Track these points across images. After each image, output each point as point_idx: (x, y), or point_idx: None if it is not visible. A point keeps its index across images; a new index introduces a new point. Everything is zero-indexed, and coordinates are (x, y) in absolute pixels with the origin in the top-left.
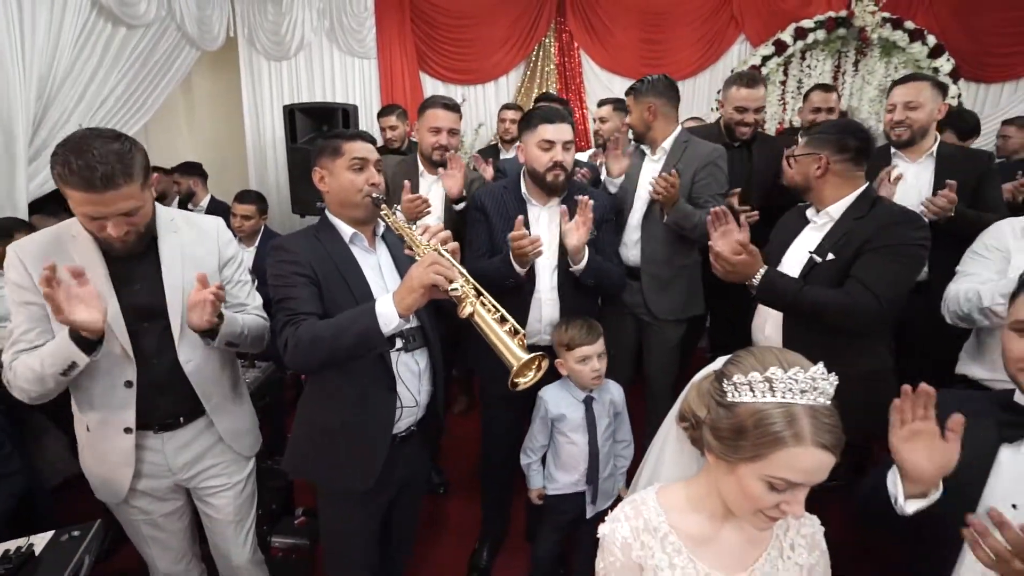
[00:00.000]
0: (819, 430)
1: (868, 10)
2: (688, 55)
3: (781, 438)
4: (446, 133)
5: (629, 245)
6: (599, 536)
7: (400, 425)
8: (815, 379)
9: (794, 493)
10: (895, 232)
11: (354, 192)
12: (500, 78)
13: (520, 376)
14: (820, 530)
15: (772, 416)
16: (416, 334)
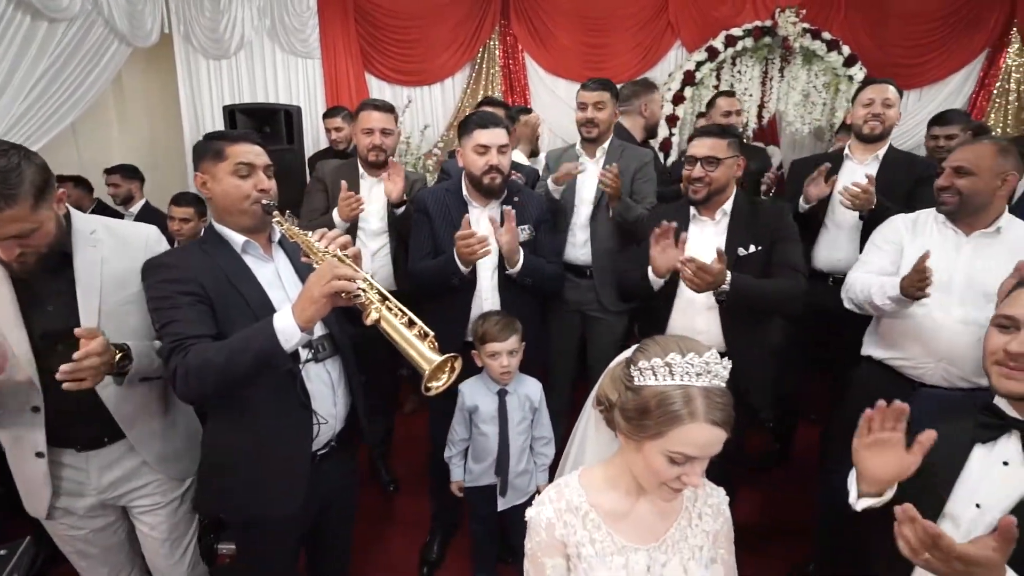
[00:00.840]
0: (712, 408)
1: (790, 21)
2: (628, 59)
3: (679, 416)
4: (379, 133)
5: (577, 245)
6: (527, 519)
7: (318, 441)
8: (708, 363)
9: (692, 466)
10: (790, 221)
11: (240, 199)
12: (446, 80)
13: (434, 380)
14: (725, 500)
15: (672, 397)
16: (325, 342)
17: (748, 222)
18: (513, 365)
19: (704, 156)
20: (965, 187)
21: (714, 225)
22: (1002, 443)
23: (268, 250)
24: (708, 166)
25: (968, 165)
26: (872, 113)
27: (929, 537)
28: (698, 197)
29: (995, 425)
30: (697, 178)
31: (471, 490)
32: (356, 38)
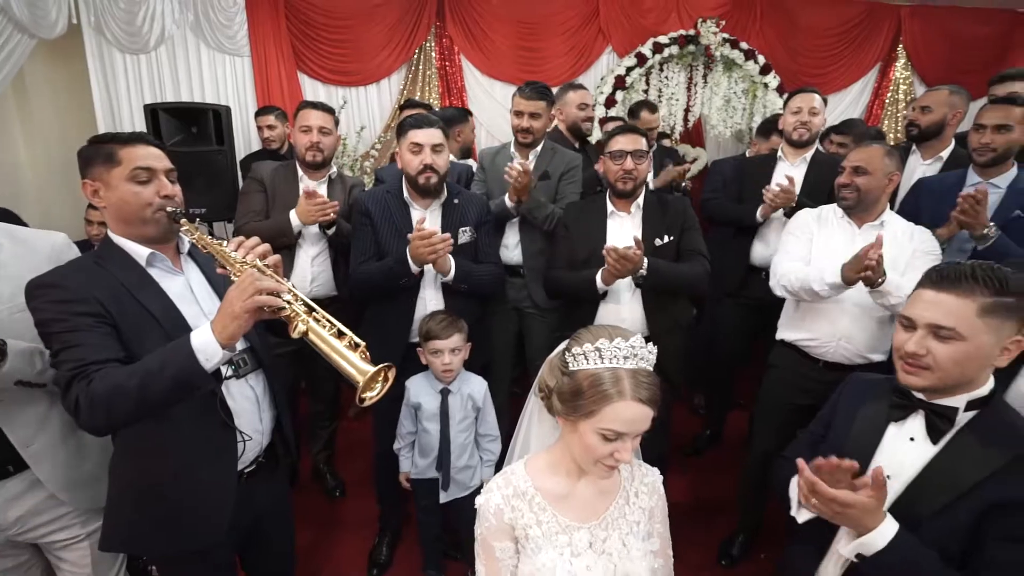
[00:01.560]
0: (638, 387)
1: (711, 31)
2: (561, 63)
3: (609, 395)
4: (317, 132)
5: (510, 247)
6: (476, 507)
7: (244, 460)
8: (634, 347)
9: (623, 442)
10: (692, 213)
11: (141, 207)
12: (382, 80)
13: (368, 390)
14: (659, 479)
15: (602, 378)
16: (246, 357)
17: (659, 215)
18: (455, 364)
19: (632, 149)
20: (863, 184)
21: (630, 219)
22: (910, 421)
23: (177, 262)
24: (637, 159)
25: (864, 164)
26: (800, 121)
27: (809, 485)
28: (627, 189)
29: (904, 406)
30: (628, 171)
31: (416, 481)
32: (287, 36)
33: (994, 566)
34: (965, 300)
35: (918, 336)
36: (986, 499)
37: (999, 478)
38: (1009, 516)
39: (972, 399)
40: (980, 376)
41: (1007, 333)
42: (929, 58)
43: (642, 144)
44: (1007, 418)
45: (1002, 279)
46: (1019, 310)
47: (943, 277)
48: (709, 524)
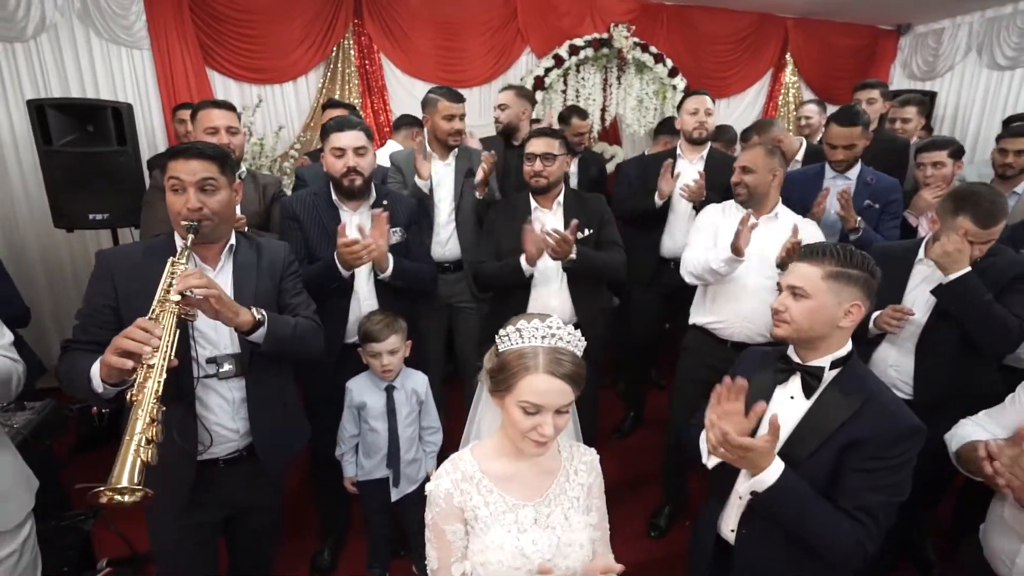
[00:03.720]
0: (551, 362)
1: (623, 35)
2: (481, 64)
3: (525, 367)
4: (225, 132)
5: (442, 243)
6: (427, 493)
7: (218, 450)
8: (551, 327)
9: (543, 416)
10: (607, 208)
11: (173, 215)
12: (299, 78)
13: (116, 494)
14: (596, 457)
15: (521, 353)
16: (233, 362)
17: (579, 211)
18: (394, 364)
19: (542, 153)
20: (750, 181)
21: (552, 214)
22: (791, 383)
23: (213, 261)
24: (546, 161)
25: (749, 164)
26: (698, 121)
27: (722, 435)
28: (540, 186)
29: (786, 369)
30: (537, 172)
31: (364, 484)
32: (192, 29)
33: (848, 492)
34: (815, 267)
35: (782, 296)
36: (844, 439)
37: (853, 421)
38: (858, 451)
39: (835, 359)
40: (835, 336)
41: (846, 297)
42: (811, 66)
43: (554, 147)
44: (859, 372)
45: (847, 255)
46: (858, 280)
47: (808, 252)
48: (639, 499)
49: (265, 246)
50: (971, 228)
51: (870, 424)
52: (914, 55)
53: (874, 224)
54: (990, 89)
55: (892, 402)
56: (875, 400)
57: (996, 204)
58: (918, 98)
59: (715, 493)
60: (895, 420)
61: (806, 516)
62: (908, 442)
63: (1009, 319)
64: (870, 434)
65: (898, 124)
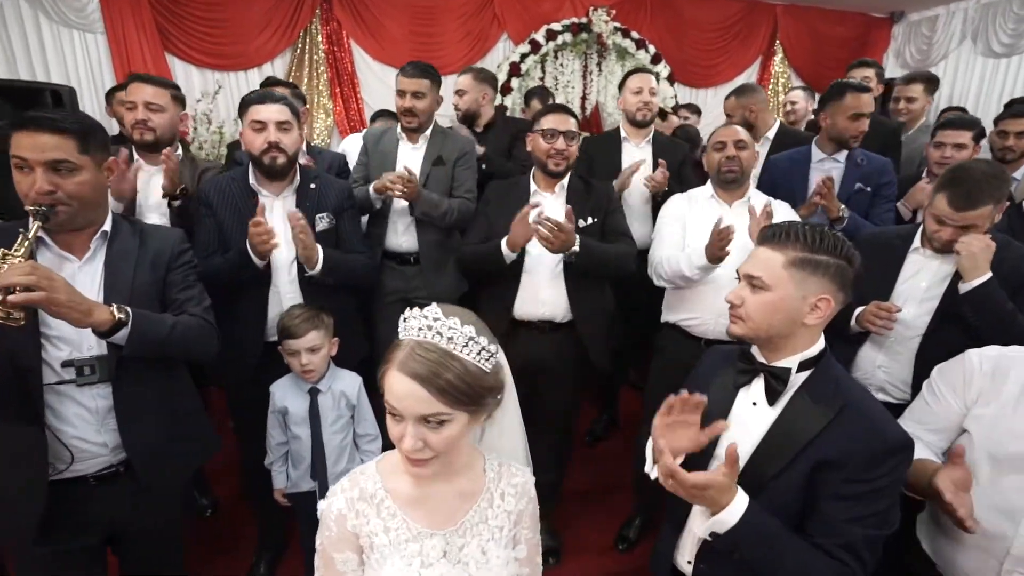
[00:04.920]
0: (409, 359)
1: (602, 19)
2: (457, 50)
3: (386, 360)
4: (143, 108)
5: (399, 233)
6: (318, 512)
7: (83, 467)
8: (427, 317)
9: (405, 426)
10: (615, 196)
11: (22, 198)
12: (264, 65)
13: None
14: (530, 480)
15: (394, 343)
16: (97, 366)
17: (583, 197)
18: (315, 363)
19: (566, 130)
20: (745, 158)
21: (554, 199)
22: (754, 386)
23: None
24: (570, 140)
25: (745, 139)
26: (643, 101)
27: (668, 470)
28: (560, 169)
29: (748, 370)
30: (560, 151)
31: (293, 496)
32: (150, 13)
33: (825, 525)
34: (777, 252)
35: (739, 287)
36: (817, 456)
37: (826, 434)
38: (834, 471)
39: (804, 360)
40: (802, 334)
41: (813, 289)
42: (801, 54)
43: (573, 124)
44: (833, 374)
45: (816, 237)
46: (829, 269)
47: (771, 234)
48: (609, 509)
49: (151, 233)
50: (943, 210)
51: (846, 438)
52: (907, 44)
53: (865, 209)
54: (985, 77)
55: (873, 411)
56: (852, 409)
57: (979, 185)
58: (925, 75)
59: (670, 519)
60: (876, 433)
61: (776, 558)
62: (893, 459)
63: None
64: (847, 451)
65: (902, 104)
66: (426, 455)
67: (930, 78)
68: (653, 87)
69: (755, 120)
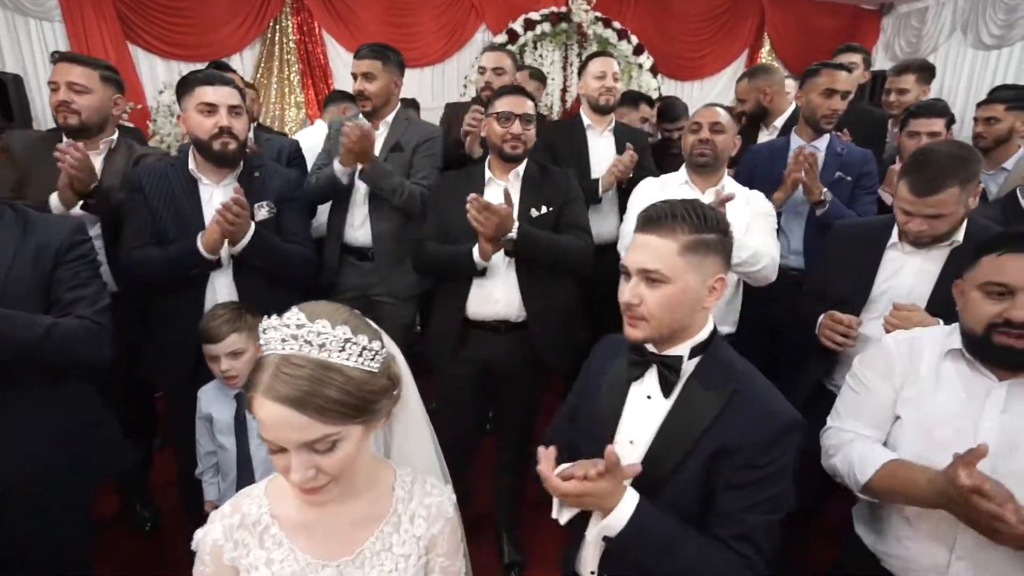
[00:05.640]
0: (276, 381)
1: (582, 8)
2: (434, 41)
3: (251, 384)
4: (66, 88)
5: (356, 226)
6: (194, 542)
7: None
8: (289, 324)
9: (288, 457)
10: (576, 185)
11: None
12: (232, 56)
13: None
14: (447, 500)
15: (257, 362)
16: None
17: (539, 185)
18: (237, 368)
19: (522, 113)
20: (721, 142)
21: (509, 187)
22: (647, 379)
23: None
24: (526, 123)
25: (723, 122)
26: (605, 86)
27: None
28: (517, 153)
29: (641, 362)
30: (516, 135)
31: None
32: (110, 0)
33: (723, 516)
34: (667, 240)
35: (632, 284)
36: (712, 446)
37: (720, 421)
38: (729, 461)
39: (695, 345)
40: (696, 320)
41: (709, 271)
42: (789, 46)
43: (529, 107)
44: (723, 357)
45: (701, 215)
46: (720, 246)
47: (649, 219)
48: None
49: (39, 223)
50: (906, 197)
51: (739, 423)
52: (897, 36)
53: (846, 200)
54: (976, 69)
55: (764, 391)
56: (744, 392)
57: (941, 168)
58: (919, 64)
59: (570, 528)
60: (767, 415)
61: (672, 558)
62: (785, 440)
63: None
64: (740, 437)
65: (893, 96)
66: (321, 481)
67: (923, 66)
68: (616, 71)
69: (770, 104)
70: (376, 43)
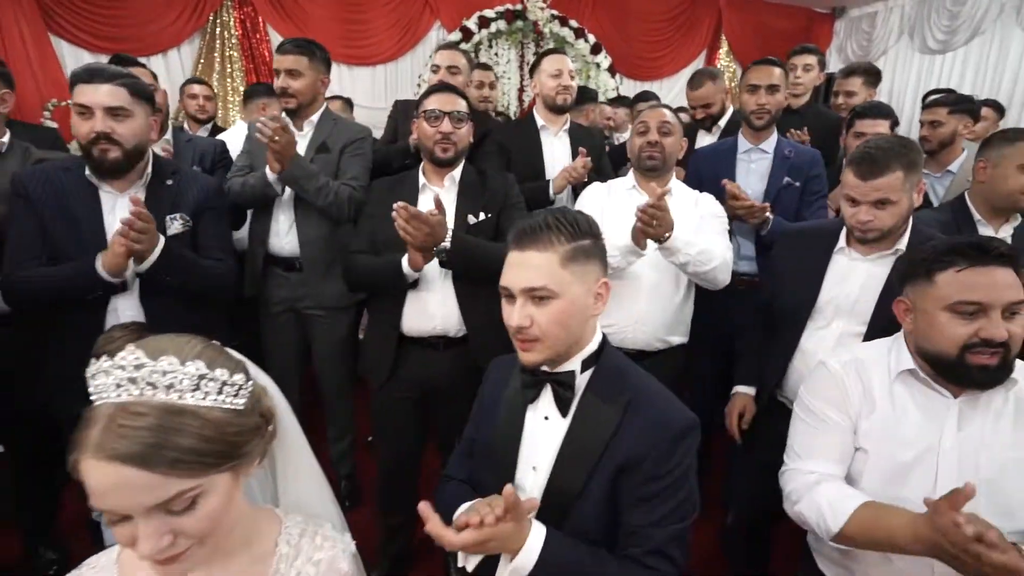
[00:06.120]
0: (109, 436)
1: (538, 6)
2: (387, 39)
3: (77, 444)
4: None
5: (281, 234)
6: None
7: None
8: (124, 368)
9: (133, 526)
10: (517, 191)
11: None
12: (169, 51)
13: None
14: (345, 550)
15: (85, 416)
16: None
17: (477, 191)
18: None
19: (450, 110)
20: (669, 144)
21: (444, 193)
22: (543, 399)
23: None
24: (456, 122)
25: (671, 122)
26: (562, 85)
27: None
28: (448, 156)
29: (533, 383)
30: (446, 134)
31: None
32: None
33: (633, 533)
34: (547, 253)
35: (519, 306)
36: (615, 461)
37: (620, 434)
38: (632, 476)
39: (586, 357)
40: (586, 331)
41: (592, 277)
42: (746, 47)
43: (461, 105)
44: (615, 365)
45: (573, 222)
46: (596, 251)
47: (523, 235)
48: None
49: None
50: (851, 182)
51: (638, 434)
52: (849, 39)
53: (795, 205)
54: (922, 72)
55: (656, 398)
56: (639, 400)
57: (884, 152)
58: (864, 67)
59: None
60: (663, 423)
61: None
62: (683, 445)
63: None
64: (640, 449)
65: (841, 99)
66: (180, 548)
67: (869, 70)
68: (571, 69)
69: None
70: (301, 38)
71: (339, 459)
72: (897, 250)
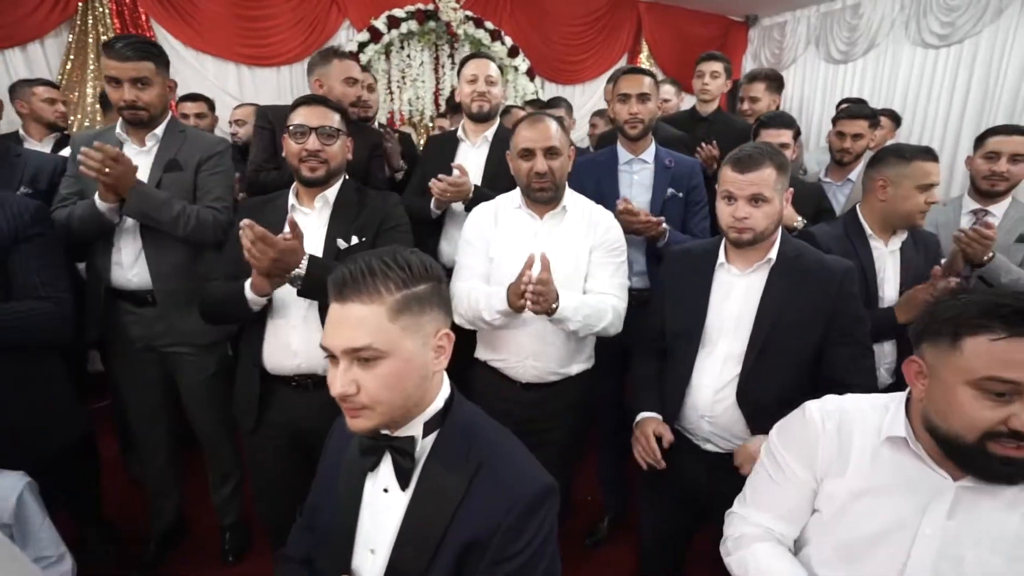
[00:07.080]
0: None
1: (451, 6)
2: (291, 38)
3: None
4: None
5: (125, 265)
6: None
7: None
8: None
9: None
10: (400, 211)
11: None
12: (29, 45)
13: None
14: None
15: None
16: None
17: (352, 212)
18: None
19: (318, 125)
20: (558, 168)
21: (316, 215)
22: (383, 468)
23: None
24: (325, 138)
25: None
26: (478, 92)
27: None
28: (317, 176)
29: (373, 448)
30: (313, 152)
31: None
32: None
33: None
34: (371, 306)
35: (341, 370)
36: (459, 539)
37: (466, 506)
38: (481, 556)
39: (428, 420)
40: (429, 390)
41: (430, 329)
42: (665, 52)
43: (333, 120)
44: (462, 424)
45: (404, 264)
46: (436, 297)
47: (343, 283)
48: None
49: None
50: (727, 176)
51: (485, 509)
52: (762, 47)
53: (680, 218)
54: (828, 82)
55: (512, 458)
56: (490, 465)
57: (757, 149)
58: (766, 73)
59: None
60: (517, 491)
61: None
62: (537, 516)
63: None
64: (488, 525)
65: (746, 104)
66: None
67: (771, 76)
68: (490, 74)
69: None
70: (137, 36)
71: (223, 506)
72: (769, 259)
